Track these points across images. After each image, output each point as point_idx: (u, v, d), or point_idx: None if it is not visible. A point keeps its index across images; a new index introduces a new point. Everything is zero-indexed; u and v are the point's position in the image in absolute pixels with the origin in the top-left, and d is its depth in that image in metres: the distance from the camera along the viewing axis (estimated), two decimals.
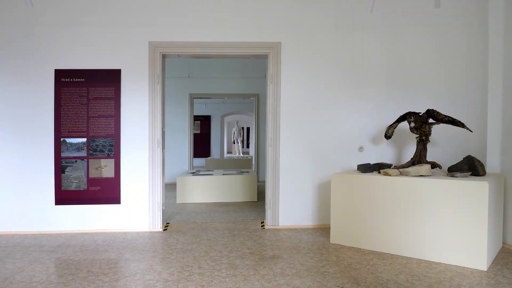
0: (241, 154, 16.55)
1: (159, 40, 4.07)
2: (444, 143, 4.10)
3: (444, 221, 3.01)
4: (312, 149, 4.23)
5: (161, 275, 2.76)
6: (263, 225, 4.31)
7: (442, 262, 3.02)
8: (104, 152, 4.04)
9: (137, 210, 4.10)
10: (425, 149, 3.57)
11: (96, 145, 4.03)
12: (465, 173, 3.16)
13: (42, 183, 4.01)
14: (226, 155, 15.89)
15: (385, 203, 3.30)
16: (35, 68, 3.99)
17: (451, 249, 2.98)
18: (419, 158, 3.55)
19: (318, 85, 4.21)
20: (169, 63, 7.46)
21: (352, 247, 3.47)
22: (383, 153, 4.25)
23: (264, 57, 4.30)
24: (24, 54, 3.99)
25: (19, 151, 4.00)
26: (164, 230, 4.14)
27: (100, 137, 4.03)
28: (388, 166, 3.71)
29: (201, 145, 12.58)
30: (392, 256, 3.21)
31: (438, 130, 3.97)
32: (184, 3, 4.10)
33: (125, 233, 4.01)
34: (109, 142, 4.04)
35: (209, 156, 12.54)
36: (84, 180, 4.03)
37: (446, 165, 3.85)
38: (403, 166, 3.53)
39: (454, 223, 2.97)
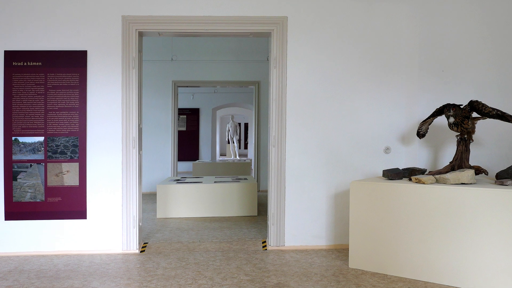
0: (237, 157, 16.56)
1: (135, 14, 4.07)
2: (491, 143, 4.10)
3: (493, 241, 3.01)
4: (326, 150, 4.24)
5: None
6: (265, 246, 4.32)
7: None
8: (66, 154, 4.04)
9: (107, 226, 4.10)
10: (467, 150, 3.56)
11: (57, 146, 4.03)
12: None
13: None
14: (218, 157, 15.88)
15: (417, 218, 3.30)
16: None
17: (501, 277, 2.98)
18: (460, 161, 3.55)
19: (334, 70, 4.22)
20: (148, 43, 7.46)
21: (376, 273, 3.47)
22: (415, 155, 4.25)
23: (266, 35, 4.30)
24: None
25: None
26: (141, 251, 4.14)
27: (61, 135, 4.04)
28: (422, 171, 3.71)
29: (188, 146, 12.58)
30: (426, 284, 3.21)
31: (484, 127, 3.97)
32: None
33: (92, 255, 4.01)
34: (72, 141, 4.05)
35: (198, 159, 12.54)
36: (42, 189, 4.04)
37: (493, 170, 3.85)
38: (440, 172, 3.53)
39: (505, 244, 2.97)
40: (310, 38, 4.20)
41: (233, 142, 16.96)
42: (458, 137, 3.61)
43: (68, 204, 4.05)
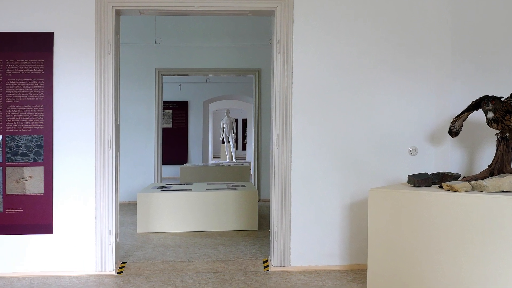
0: (233, 159, 16.56)
1: None
2: None
3: None
4: (340, 152, 4.23)
5: None
6: (267, 266, 4.31)
7: None
8: (29, 156, 4.03)
9: (78, 243, 4.09)
10: (509, 152, 3.55)
11: (17, 146, 4.02)
12: None
13: None
14: (211, 160, 15.89)
15: (449, 233, 3.28)
16: None
17: None
18: (501, 165, 3.53)
19: (348, 55, 4.21)
20: (127, 24, 7.45)
21: None
22: (447, 157, 4.25)
23: (269, 13, 4.29)
24: None
25: None
26: (118, 273, 4.14)
27: (22, 134, 4.02)
28: (455, 177, 3.70)
29: (174, 146, 12.59)
30: None
31: None
32: None
33: (60, 277, 4.00)
34: (36, 141, 4.03)
35: (186, 162, 12.56)
36: None
37: None
38: (477, 178, 3.51)
39: None
40: (320, 17, 4.19)
41: (229, 142, 16.94)
42: (498, 136, 3.60)
43: (31, 216, 4.03)
